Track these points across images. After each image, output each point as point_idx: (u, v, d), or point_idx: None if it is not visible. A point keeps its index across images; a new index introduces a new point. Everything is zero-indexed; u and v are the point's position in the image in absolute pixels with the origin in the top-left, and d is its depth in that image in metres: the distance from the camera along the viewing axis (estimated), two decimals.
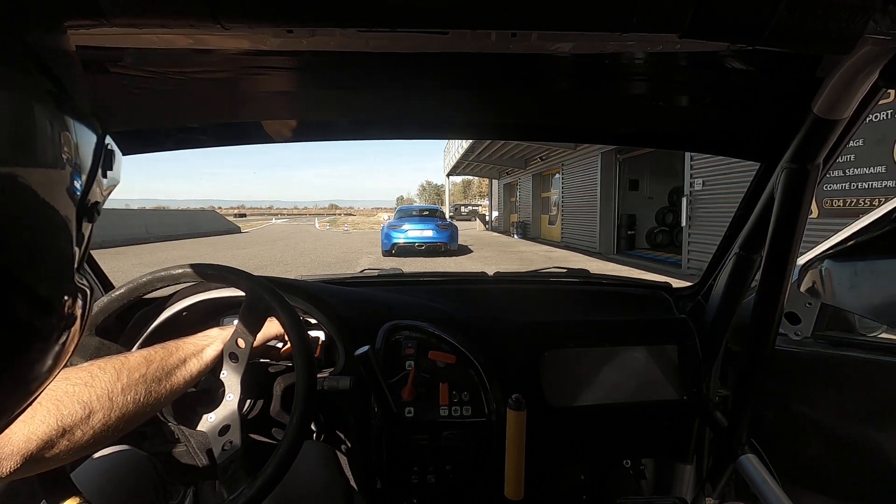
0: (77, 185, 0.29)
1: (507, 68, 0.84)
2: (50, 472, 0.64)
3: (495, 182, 27.37)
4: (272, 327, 0.89)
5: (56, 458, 0.52)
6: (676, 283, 1.46)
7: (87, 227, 0.32)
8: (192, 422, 0.79)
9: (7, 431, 0.46)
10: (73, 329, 0.29)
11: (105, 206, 0.36)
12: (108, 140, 0.34)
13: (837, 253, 0.80)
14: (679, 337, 1.22)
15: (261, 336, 0.84)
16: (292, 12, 0.50)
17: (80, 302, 0.30)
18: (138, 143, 1.05)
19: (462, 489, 1.07)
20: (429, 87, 0.93)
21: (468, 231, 23.40)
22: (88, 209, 0.31)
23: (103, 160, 0.33)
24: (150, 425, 1.10)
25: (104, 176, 0.34)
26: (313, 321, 1.08)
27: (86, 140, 0.31)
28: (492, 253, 12.68)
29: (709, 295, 1.25)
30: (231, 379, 0.79)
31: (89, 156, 0.31)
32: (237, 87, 0.89)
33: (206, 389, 0.80)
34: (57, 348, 0.28)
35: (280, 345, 1.05)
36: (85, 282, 0.32)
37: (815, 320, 1.08)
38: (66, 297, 0.28)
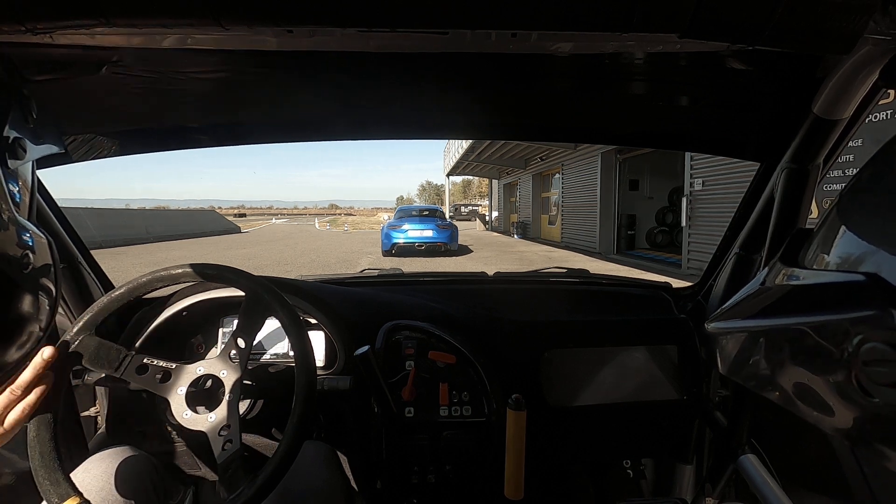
0: None
1: (507, 68, 0.84)
2: (49, 472, 0.64)
3: (495, 182, 27.36)
4: None
5: None
6: (676, 283, 1.46)
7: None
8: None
9: None
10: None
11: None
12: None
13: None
14: (679, 337, 1.22)
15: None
16: (292, 12, 0.50)
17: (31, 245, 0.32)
18: (138, 143, 1.05)
19: (462, 489, 1.07)
20: (429, 87, 0.93)
21: (468, 231, 23.39)
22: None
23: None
24: (150, 425, 1.10)
25: None
26: (313, 321, 1.08)
27: None
28: (492, 253, 12.68)
29: (709, 295, 1.25)
30: (231, 379, 0.79)
31: None
32: (237, 87, 0.89)
33: (206, 389, 0.80)
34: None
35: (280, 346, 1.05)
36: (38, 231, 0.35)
37: None
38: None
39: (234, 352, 0.80)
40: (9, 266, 0.35)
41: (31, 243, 0.39)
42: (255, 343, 0.83)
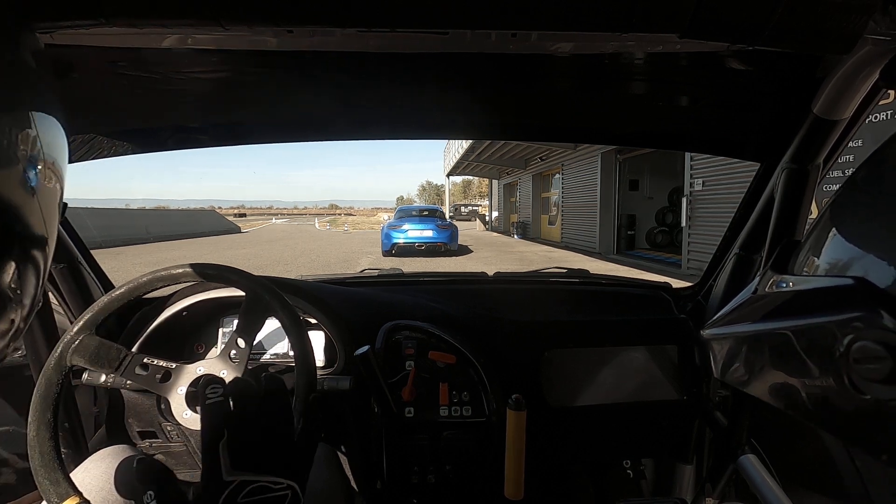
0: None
1: (508, 68, 0.84)
2: (49, 471, 0.64)
3: (495, 182, 27.36)
4: None
5: None
6: (676, 283, 1.46)
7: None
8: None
9: None
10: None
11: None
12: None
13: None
14: (679, 337, 1.22)
15: None
16: (292, 12, 0.50)
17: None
18: (138, 143, 1.05)
19: (462, 489, 1.07)
20: (429, 87, 0.93)
21: (468, 231, 23.40)
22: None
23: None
24: (150, 425, 1.10)
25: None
26: (313, 321, 1.08)
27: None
28: (492, 253, 12.67)
29: (709, 295, 1.25)
30: (231, 379, 0.78)
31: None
32: (237, 87, 0.89)
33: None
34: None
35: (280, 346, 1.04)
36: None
37: None
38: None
39: (234, 352, 0.80)
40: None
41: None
42: (255, 343, 0.83)
